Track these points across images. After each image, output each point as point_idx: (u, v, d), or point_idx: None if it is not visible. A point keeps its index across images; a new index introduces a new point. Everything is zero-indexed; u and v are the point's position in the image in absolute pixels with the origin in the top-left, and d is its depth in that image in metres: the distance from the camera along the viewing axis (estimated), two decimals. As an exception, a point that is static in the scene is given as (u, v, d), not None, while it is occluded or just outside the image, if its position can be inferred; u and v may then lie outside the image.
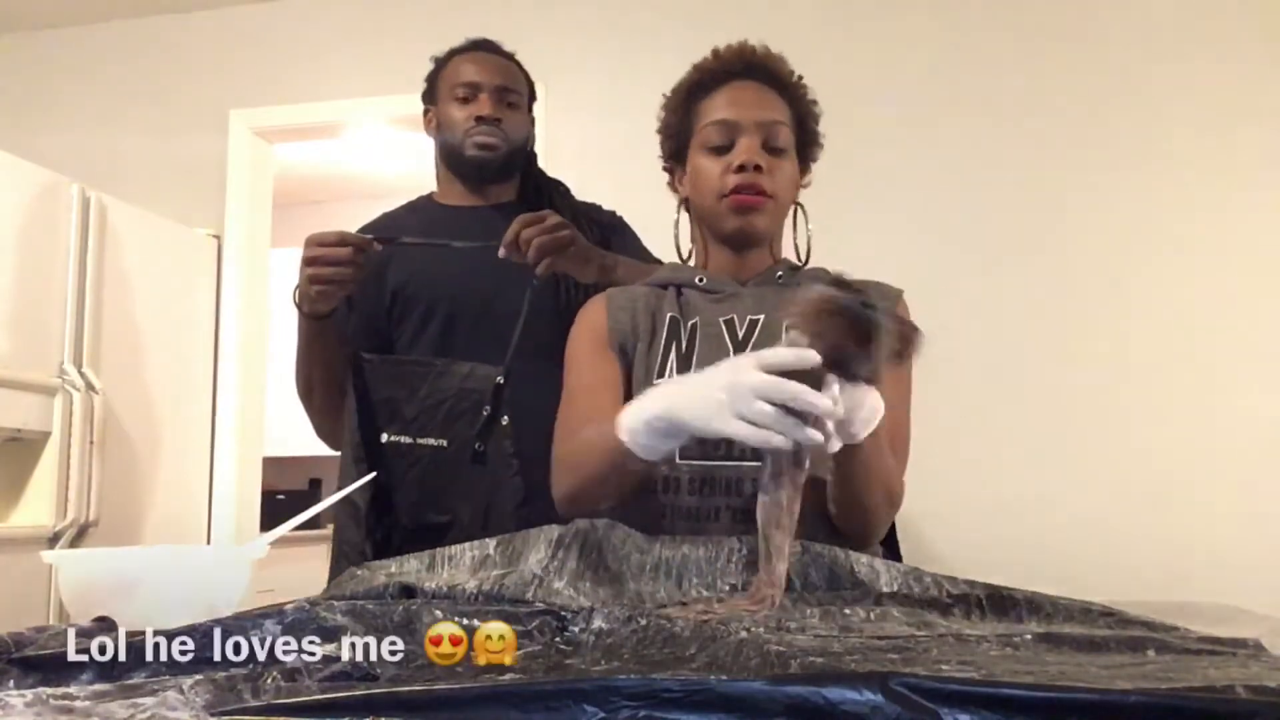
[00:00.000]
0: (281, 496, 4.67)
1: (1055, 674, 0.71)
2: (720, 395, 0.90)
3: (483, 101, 1.67)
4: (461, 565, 1.08)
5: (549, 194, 1.78)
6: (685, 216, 1.34)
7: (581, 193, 3.27)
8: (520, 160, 1.75)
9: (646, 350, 1.24)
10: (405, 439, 1.54)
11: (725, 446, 1.16)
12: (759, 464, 1.10)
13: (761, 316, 1.23)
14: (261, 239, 3.58)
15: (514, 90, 1.71)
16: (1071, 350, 2.79)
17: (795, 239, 1.34)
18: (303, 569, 4.33)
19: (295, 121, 3.50)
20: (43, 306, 2.76)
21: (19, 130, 3.55)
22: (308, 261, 1.44)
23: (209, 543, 3.28)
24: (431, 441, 1.52)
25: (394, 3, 3.43)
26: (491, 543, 1.09)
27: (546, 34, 3.27)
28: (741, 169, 1.22)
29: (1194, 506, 2.68)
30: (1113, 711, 0.50)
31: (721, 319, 1.24)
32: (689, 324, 1.24)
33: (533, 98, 1.80)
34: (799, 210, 1.32)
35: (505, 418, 1.48)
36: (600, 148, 3.16)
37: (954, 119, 2.95)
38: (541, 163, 3.58)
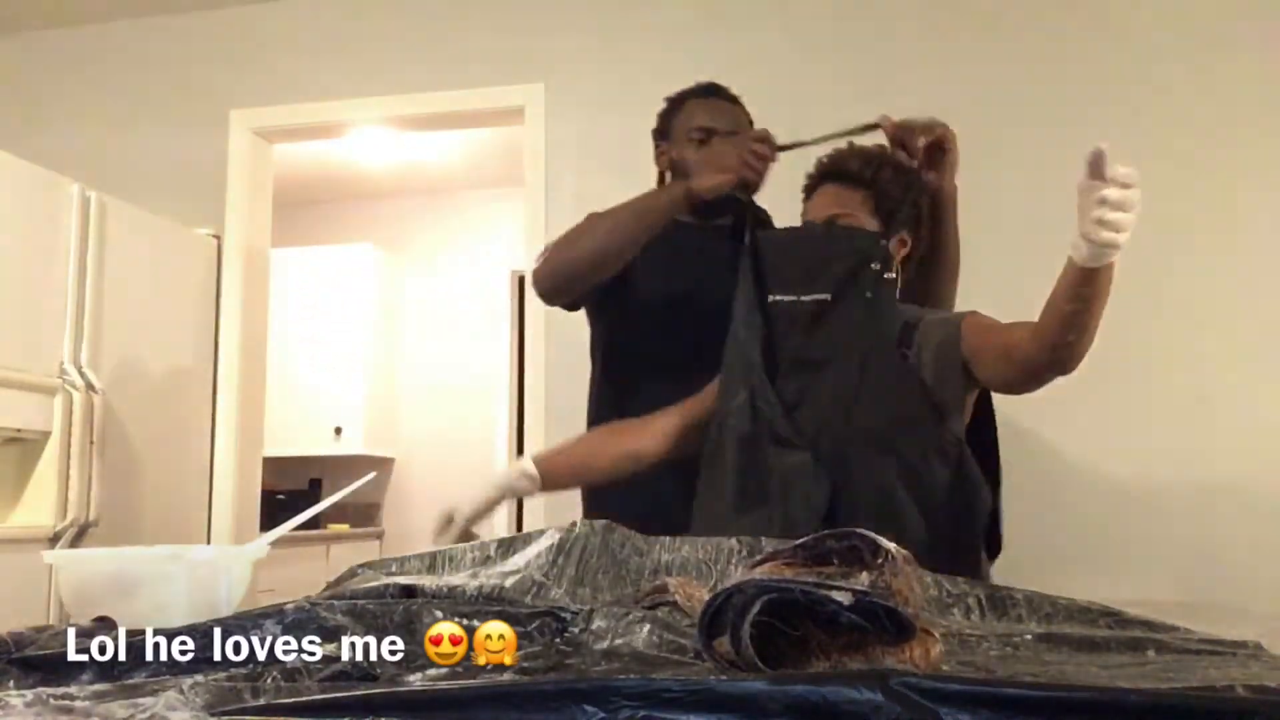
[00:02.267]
0: (281, 496, 4.68)
1: (1055, 674, 0.71)
2: None
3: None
4: (462, 566, 1.08)
5: (764, 220, 1.89)
6: None
7: (581, 192, 3.29)
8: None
9: None
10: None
11: None
12: None
13: None
14: (261, 239, 3.58)
15: (741, 134, 1.85)
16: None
17: None
18: (303, 569, 4.35)
19: (295, 121, 3.50)
20: (43, 306, 2.76)
21: (19, 130, 3.55)
22: (754, 152, 1.65)
23: (209, 543, 3.28)
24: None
25: (393, 3, 3.43)
26: (492, 544, 1.09)
27: (546, 34, 3.27)
28: None
29: (1194, 506, 2.68)
30: (1113, 711, 0.50)
31: None
32: None
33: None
34: None
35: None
36: (600, 148, 3.16)
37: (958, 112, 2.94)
38: (541, 162, 3.59)
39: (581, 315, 1.96)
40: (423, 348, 5.35)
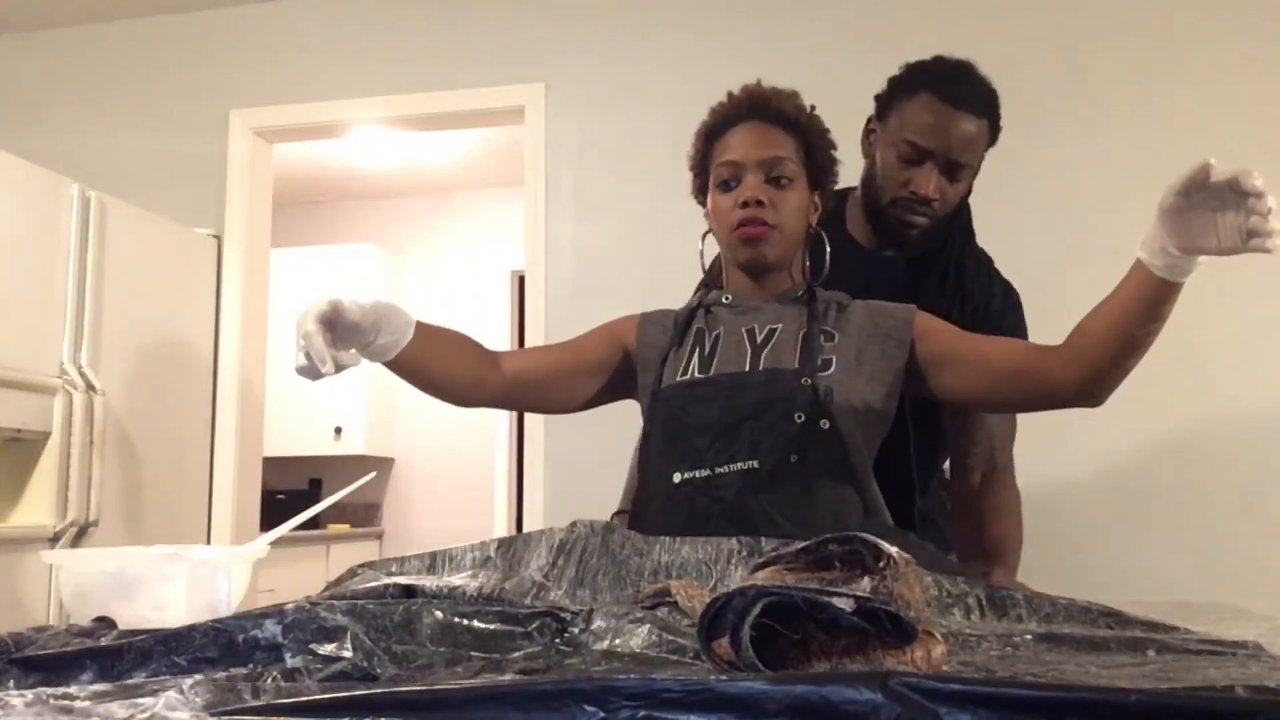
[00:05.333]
0: (281, 496, 4.68)
1: (1055, 674, 0.71)
2: None
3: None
4: (462, 566, 1.08)
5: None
6: (709, 242, 1.47)
7: (581, 192, 3.26)
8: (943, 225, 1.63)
9: (674, 355, 1.42)
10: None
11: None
12: None
13: (780, 325, 1.37)
14: (261, 239, 3.58)
15: (964, 165, 1.56)
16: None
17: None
18: (303, 569, 4.35)
19: (295, 121, 3.50)
20: (43, 306, 2.76)
21: (19, 130, 3.55)
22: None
23: (209, 543, 3.28)
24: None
25: (393, 3, 3.43)
26: (492, 544, 1.09)
27: (546, 34, 3.27)
28: (745, 204, 1.36)
29: (1194, 506, 2.68)
30: (1113, 711, 0.50)
31: (743, 328, 1.39)
32: (713, 334, 1.41)
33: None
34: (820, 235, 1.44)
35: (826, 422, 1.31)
36: (600, 148, 3.16)
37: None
38: (541, 162, 3.53)
39: (580, 314, 1.95)
40: (423, 348, 5.34)
